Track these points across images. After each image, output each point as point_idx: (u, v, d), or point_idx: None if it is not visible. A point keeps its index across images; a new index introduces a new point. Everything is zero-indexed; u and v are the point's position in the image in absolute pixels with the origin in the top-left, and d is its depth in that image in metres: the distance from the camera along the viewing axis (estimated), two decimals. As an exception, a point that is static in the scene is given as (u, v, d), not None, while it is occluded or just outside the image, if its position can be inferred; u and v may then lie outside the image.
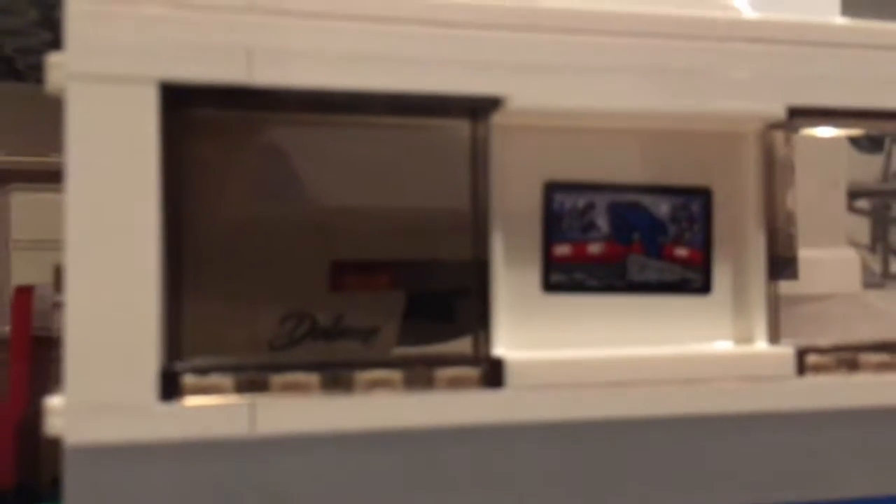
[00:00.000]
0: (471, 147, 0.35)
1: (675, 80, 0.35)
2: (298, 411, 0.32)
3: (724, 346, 0.37)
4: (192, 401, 0.31)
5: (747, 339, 0.38)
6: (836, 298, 0.44)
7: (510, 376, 0.34)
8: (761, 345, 0.37)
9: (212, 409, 0.31)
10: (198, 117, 0.32)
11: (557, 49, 0.34)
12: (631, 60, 0.35)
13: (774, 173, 0.38)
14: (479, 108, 0.34)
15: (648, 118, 0.36)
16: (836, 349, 0.37)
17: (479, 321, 0.35)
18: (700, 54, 0.35)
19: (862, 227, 0.98)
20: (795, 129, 0.38)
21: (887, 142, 1.04)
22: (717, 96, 0.36)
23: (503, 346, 0.35)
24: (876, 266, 0.97)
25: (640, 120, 0.36)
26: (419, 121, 0.35)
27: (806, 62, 0.36)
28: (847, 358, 0.37)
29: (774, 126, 0.37)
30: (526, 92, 0.34)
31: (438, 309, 0.36)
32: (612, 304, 0.37)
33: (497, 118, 0.35)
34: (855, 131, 0.38)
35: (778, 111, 0.36)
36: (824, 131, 0.40)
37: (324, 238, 0.36)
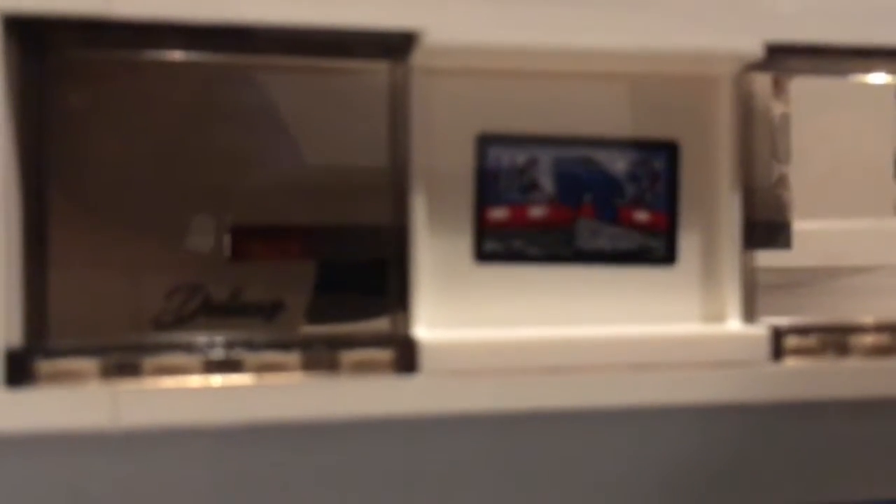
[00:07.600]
0: (389, 94, 0.30)
1: (627, 11, 0.30)
2: (171, 400, 0.27)
3: (688, 326, 0.32)
4: (45, 387, 0.27)
5: (718, 317, 0.32)
6: (882, 270, 0.42)
7: (425, 360, 0.29)
8: (733, 324, 0.32)
9: (68, 398, 0.27)
10: (55, 57, 0.28)
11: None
12: (572, -12, 0.29)
13: (753, 124, 0.33)
14: (392, 47, 0.29)
15: (596, 58, 0.30)
16: (822, 329, 0.32)
17: (398, 296, 0.30)
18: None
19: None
20: (777, 71, 0.33)
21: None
22: (680, 31, 0.30)
23: (427, 325, 0.30)
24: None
25: (587, 61, 0.31)
26: (325, 62, 0.30)
27: (787, -10, 0.31)
28: (835, 340, 0.32)
29: (752, 67, 0.32)
30: (444, 25, 0.28)
31: (354, 282, 0.32)
32: (557, 277, 0.32)
33: (419, 59, 0.30)
34: (850, 74, 0.32)
35: (753, 48, 0.31)
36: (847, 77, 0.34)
37: (220, 200, 0.31)
